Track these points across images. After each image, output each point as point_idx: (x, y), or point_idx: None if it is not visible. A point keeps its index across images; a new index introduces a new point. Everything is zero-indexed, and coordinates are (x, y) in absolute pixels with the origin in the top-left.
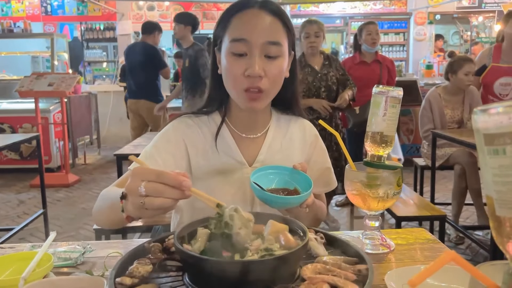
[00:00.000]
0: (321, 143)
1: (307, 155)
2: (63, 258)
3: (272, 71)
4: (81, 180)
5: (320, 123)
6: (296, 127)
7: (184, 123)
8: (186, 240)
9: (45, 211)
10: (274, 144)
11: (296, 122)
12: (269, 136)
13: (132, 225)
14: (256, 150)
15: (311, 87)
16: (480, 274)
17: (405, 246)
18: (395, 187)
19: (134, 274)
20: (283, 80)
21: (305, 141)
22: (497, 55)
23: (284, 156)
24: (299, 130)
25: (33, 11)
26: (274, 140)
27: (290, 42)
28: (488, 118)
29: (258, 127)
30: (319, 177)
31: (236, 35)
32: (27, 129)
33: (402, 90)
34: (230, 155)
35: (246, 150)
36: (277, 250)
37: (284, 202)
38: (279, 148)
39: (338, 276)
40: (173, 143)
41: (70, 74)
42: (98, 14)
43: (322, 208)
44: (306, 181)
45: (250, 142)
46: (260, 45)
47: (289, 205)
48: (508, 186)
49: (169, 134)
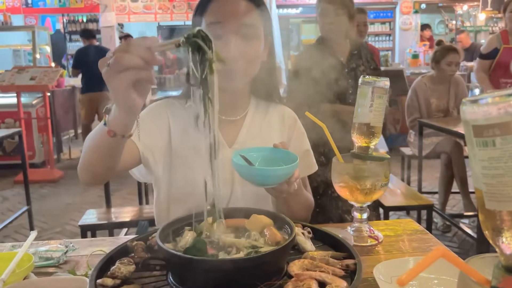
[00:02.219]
0: (300, 126)
1: (287, 138)
2: (45, 258)
3: (247, 52)
4: (66, 175)
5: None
6: (275, 111)
7: (168, 103)
8: (170, 237)
9: (29, 208)
10: (253, 127)
11: (276, 107)
12: (248, 119)
13: (119, 220)
14: (235, 132)
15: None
16: (470, 269)
17: (393, 237)
18: (383, 179)
19: (116, 275)
20: (261, 66)
21: (284, 124)
22: (506, 38)
23: (263, 139)
24: (278, 114)
25: (13, 3)
26: (253, 123)
27: (265, 26)
28: (477, 109)
29: (237, 110)
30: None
31: (212, 19)
32: (9, 124)
33: (389, 80)
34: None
35: (225, 132)
36: (263, 247)
37: (273, 175)
38: (258, 131)
39: (326, 272)
40: (158, 117)
41: (52, 68)
42: (81, 6)
43: (309, 197)
44: (290, 157)
45: (230, 123)
46: (236, 27)
47: (278, 179)
48: (498, 179)
49: (154, 108)
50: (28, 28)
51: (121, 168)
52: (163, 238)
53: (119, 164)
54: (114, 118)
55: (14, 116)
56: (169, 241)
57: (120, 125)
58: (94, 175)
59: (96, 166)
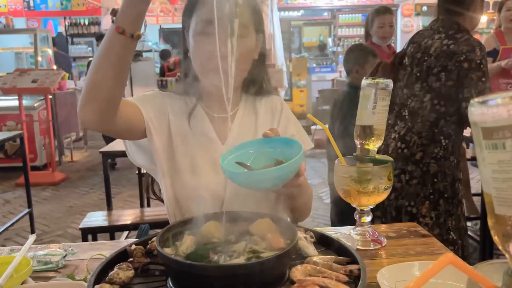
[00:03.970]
0: (286, 112)
1: (276, 125)
2: (44, 262)
3: (239, 50)
4: (68, 178)
5: (308, 116)
6: (264, 102)
7: (167, 94)
8: (170, 242)
9: (30, 211)
10: (244, 122)
11: (264, 99)
12: (239, 114)
13: (120, 223)
14: (227, 129)
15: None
16: (479, 276)
17: (397, 241)
18: (386, 181)
19: (114, 280)
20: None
21: (273, 113)
22: (502, 39)
23: (255, 133)
24: (266, 105)
25: (15, 6)
26: (244, 118)
27: (257, 24)
28: (486, 110)
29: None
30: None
31: (203, 17)
32: (11, 127)
33: (392, 82)
34: (203, 133)
35: (218, 129)
36: (265, 252)
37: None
38: (249, 125)
39: (329, 277)
40: (159, 101)
41: (54, 70)
42: (83, 9)
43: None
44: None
45: (222, 121)
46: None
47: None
48: (508, 183)
49: (155, 94)
50: (30, 31)
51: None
52: (163, 243)
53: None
54: (122, 12)
55: (16, 118)
56: (169, 246)
57: (128, 19)
58: (97, 102)
59: (101, 85)
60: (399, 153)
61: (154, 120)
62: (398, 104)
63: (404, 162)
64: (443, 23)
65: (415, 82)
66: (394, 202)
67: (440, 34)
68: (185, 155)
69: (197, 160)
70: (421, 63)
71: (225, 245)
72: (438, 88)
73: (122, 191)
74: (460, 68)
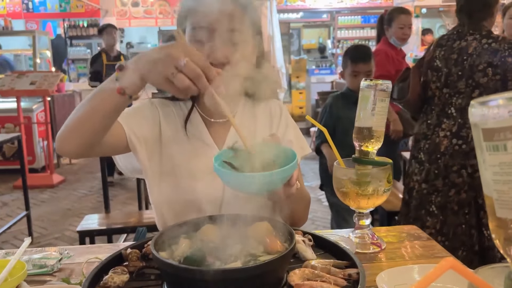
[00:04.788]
0: (286, 117)
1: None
2: (39, 266)
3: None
4: (66, 181)
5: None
6: (262, 107)
7: (160, 101)
8: (166, 245)
9: (28, 213)
10: (242, 126)
11: (262, 103)
12: (237, 119)
13: (117, 226)
14: (225, 134)
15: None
16: (479, 281)
17: (396, 244)
18: (385, 184)
19: (109, 285)
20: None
21: (272, 118)
22: None
23: (253, 136)
24: (265, 109)
25: (14, 8)
26: (242, 123)
27: (253, 28)
28: (487, 111)
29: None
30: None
31: (197, 23)
32: (9, 129)
33: (391, 83)
34: (200, 139)
35: (215, 134)
36: (262, 255)
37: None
38: (247, 130)
39: (328, 282)
40: (149, 110)
41: (53, 72)
42: (82, 11)
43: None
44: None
45: (219, 126)
46: (222, 32)
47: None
48: (510, 185)
49: (146, 104)
50: (29, 33)
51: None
52: (158, 246)
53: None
54: (128, 78)
55: (14, 121)
56: (165, 249)
57: (133, 86)
58: (81, 139)
59: (87, 127)
60: (456, 149)
61: (138, 133)
62: (438, 104)
63: (463, 157)
64: (471, 26)
65: (457, 80)
66: (455, 197)
67: (473, 36)
68: (180, 160)
69: (192, 166)
70: (461, 62)
71: (221, 248)
72: (486, 83)
73: (120, 193)
74: (505, 62)
